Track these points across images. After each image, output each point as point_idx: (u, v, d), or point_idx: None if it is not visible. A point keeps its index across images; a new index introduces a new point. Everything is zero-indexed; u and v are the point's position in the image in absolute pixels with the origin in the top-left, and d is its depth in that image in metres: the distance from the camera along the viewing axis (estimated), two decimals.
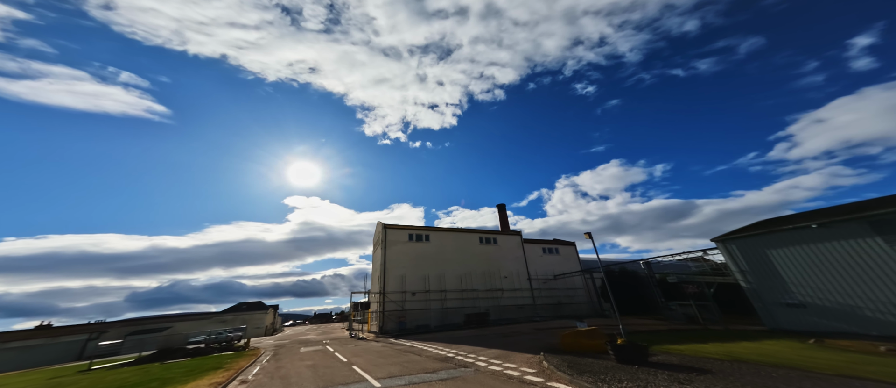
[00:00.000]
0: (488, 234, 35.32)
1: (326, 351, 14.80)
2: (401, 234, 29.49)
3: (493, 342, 14.17)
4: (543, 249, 37.96)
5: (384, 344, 16.45)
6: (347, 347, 16.14)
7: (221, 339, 27.16)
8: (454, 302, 27.65)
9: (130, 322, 43.02)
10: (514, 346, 12.35)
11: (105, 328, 38.68)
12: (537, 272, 34.51)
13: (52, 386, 11.19)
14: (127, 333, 38.23)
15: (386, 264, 26.95)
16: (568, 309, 32.66)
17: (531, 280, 33.29)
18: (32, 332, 36.63)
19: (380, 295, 25.72)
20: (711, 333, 12.95)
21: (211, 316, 46.00)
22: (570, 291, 34.58)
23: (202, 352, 16.88)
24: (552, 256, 38.17)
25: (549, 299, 33.07)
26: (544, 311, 31.33)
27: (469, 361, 9.88)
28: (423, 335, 20.63)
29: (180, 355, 16.30)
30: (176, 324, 42.16)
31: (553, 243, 39.88)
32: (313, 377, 8.79)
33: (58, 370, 18.07)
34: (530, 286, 32.82)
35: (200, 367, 11.61)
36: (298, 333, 39.11)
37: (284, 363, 12.07)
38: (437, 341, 16.33)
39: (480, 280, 30.42)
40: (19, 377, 17.82)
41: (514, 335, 16.69)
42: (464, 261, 31.01)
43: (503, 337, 15.63)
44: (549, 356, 9.04)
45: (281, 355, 14.89)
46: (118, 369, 14.46)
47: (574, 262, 39.05)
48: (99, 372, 13.53)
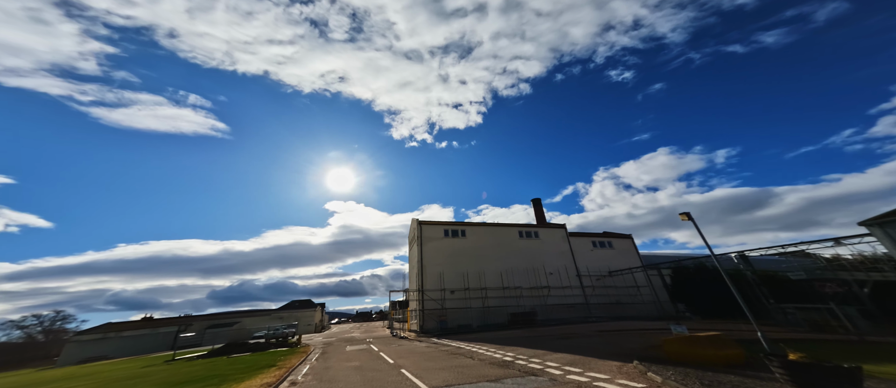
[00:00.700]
0: (528, 227, 32.68)
1: (371, 351, 14.34)
2: (436, 230, 28.65)
3: (553, 344, 12.26)
4: (593, 242, 33.96)
5: (428, 345, 15.57)
6: (391, 347, 15.58)
7: (278, 335, 29.46)
8: (496, 301, 25.88)
9: (208, 317, 49.61)
10: (584, 350, 10.38)
11: (190, 322, 45.13)
12: (588, 268, 30.85)
13: (144, 374, 12.32)
14: (205, 327, 44.07)
15: (423, 261, 26.31)
16: (630, 309, 28.50)
17: (581, 277, 29.85)
18: (139, 323, 44.33)
19: (418, 293, 25.14)
20: (881, 347, 9.27)
21: (270, 313, 50.85)
22: (630, 289, 30.22)
23: (262, 347, 17.86)
24: (604, 250, 33.94)
25: (605, 298, 29.26)
26: (599, 311, 27.75)
27: (535, 367, 8.27)
28: (465, 335, 19.38)
29: (244, 349, 17.46)
30: (243, 320, 47.44)
31: (604, 236, 35.51)
32: (361, 383, 7.91)
33: (152, 359, 20.91)
34: (581, 284, 29.43)
35: (257, 364, 11.85)
36: (343, 331, 40.93)
37: (332, 362, 11.71)
38: (485, 342, 15.00)
39: (523, 277, 28.12)
40: (123, 365, 20.86)
41: (572, 336, 14.54)
42: (503, 257, 29.01)
43: (562, 340, 13.58)
44: (653, 366, 6.93)
45: (328, 353, 14.82)
46: (193, 361, 15.87)
47: (632, 257, 34.24)
48: (179, 363, 14.93)
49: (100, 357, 34.06)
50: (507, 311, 25.29)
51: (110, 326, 42.23)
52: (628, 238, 36.36)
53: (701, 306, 22.35)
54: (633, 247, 35.58)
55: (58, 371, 22.59)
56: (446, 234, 28.86)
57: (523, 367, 8.34)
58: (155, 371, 12.88)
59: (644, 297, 29.85)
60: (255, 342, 18.28)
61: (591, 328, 18.90)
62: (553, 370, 7.75)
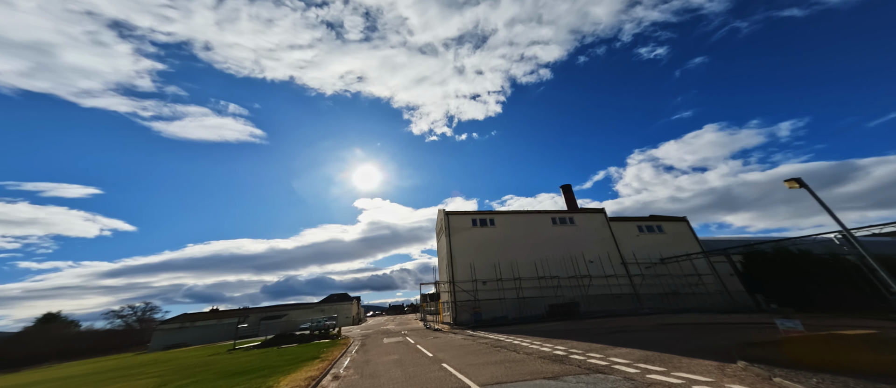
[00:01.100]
0: (562, 213, 30.37)
1: (408, 343, 14.14)
2: (464, 220, 27.83)
3: (610, 338, 10.86)
4: (640, 227, 30.53)
5: (464, 337, 15.00)
6: (427, 339, 15.31)
7: (321, 327, 31.47)
8: (531, 291, 24.50)
9: (262, 310, 55.12)
10: (652, 345, 8.92)
11: (247, 314, 50.51)
12: (634, 255, 27.83)
13: (208, 363, 13.45)
14: (259, 318, 49.01)
15: (452, 252, 25.75)
16: (689, 301, 25.14)
17: (626, 265, 27.03)
18: (208, 314, 50.77)
19: (449, 285, 24.71)
20: None
21: (312, 306, 54.87)
22: (689, 277, 26.67)
23: (307, 339, 18.85)
24: (653, 235, 30.37)
25: (657, 288, 26.18)
26: (652, 302, 24.92)
27: (598, 363, 7.14)
28: (501, 328, 18.51)
29: (291, 340, 18.59)
30: (290, 312, 51.90)
31: (652, 219, 31.73)
32: (403, 379, 7.42)
33: (218, 348, 23.43)
34: (627, 272, 26.67)
35: (302, 355, 12.23)
36: (379, 323, 42.61)
37: (371, 355, 11.59)
38: (525, 334, 14.01)
39: (559, 266, 26.23)
40: (195, 352, 23.55)
41: (629, 330, 12.88)
42: (537, 246, 27.31)
43: (618, 334, 12.05)
44: (777, 370, 5.35)
45: (367, 346, 14.95)
46: (250, 350, 17.22)
47: (688, 241, 30.20)
48: (238, 353, 16.27)
49: (180, 344, 39.60)
50: (544, 302, 23.81)
51: (186, 316, 48.84)
52: (682, 221, 32.08)
53: (784, 297, 18.71)
54: (688, 231, 31.33)
55: (147, 356, 26.44)
56: (474, 223, 27.91)
57: (583, 363, 7.22)
58: (218, 360, 14.05)
59: (708, 287, 26.13)
60: (301, 334, 19.52)
61: (647, 321, 16.81)
62: (624, 367, 6.51)
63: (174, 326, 44.38)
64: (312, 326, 31.03)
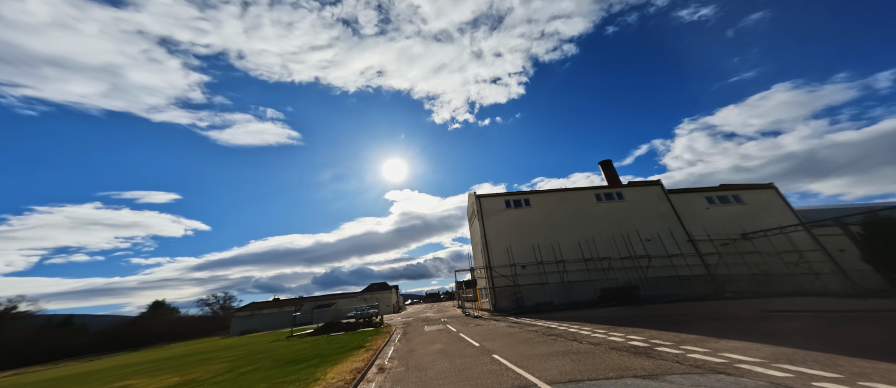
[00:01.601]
0: (609, 189, 26.95)
1: (450, 332, 13.58)
2: (496, 202, 26.29)
3: (702, 328, 8.87)
4: (709, 198, 25.75)
5: (509, 324, 14.00)
6: (469, 327, 14.64)
7: (365, 315, 33.27)
8: (578, 275, 22.32)
9: (313, 299, 60.85)
10: (780, 339, 6.83)
11: (302, 303, 56.20)
12: (706, 231, 23.60)
13: (269, 349, 14.52)
14: (312, 307, 54.23)
15: (486, 236, 24.55)
16: (788, 283, 20.39)
17: (694, 243, 23.06)
18: (271, 303, 57.70)
19: (486, 270, 23.71)
20: None
21: (356, 295, 58.85)
22: (785, 254, 21.72)
23: (352, 327, 19.66)
24: (728, 207, 25.43)
25: (741, 268, 21.80)
26: (735, 284, 20.91)
27: (709, 360, 5.53)
28: (548, 314, 17.04)
29: (339, 328, 19.58)
30: (337, 301, 56.41)
31: (726, 189, 26.55)
32: (452, 372, 6.61)
33: (278, 335, 25.99)
34: (696, 251, 22.76)
35: (349, 344, 12.41)
36: (417, 311, 43.85)
37: (414, 345, 11.19)
38: (578, 321, 12.52)
39: (608, 247, 23.42)
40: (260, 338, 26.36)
41: (720, 318, 10.53)
42: (580, 225, 24.71)
43: (708, 322, 9.90)
44: None
45: (409, 334, 14.78)
46: (304, 338, 18.50)
47: (779, 212, 24.69)
48: (294, 340, 17.56)
49: (252, 330, 45.63)
50: (594, 286, 21.53)
51: (254, 305, 56.02)
52: (769, 188, 26.27)
53: None
54: (778, 199, 25.54)
55: (226, 341, 30.67)
56: (508, 205, 26.21)
57: (681, 358, 5.62)
58: (277, 347, 15.15)
59: (814, 265, 21.02)
60: (347, 322, 20.58)
61: (739, 306, 13.88)
62: (756, 368, 4.79)
63: (245, 314, 51.21)
64: (357, 314, 32.97)
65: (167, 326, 57.89)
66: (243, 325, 48.28)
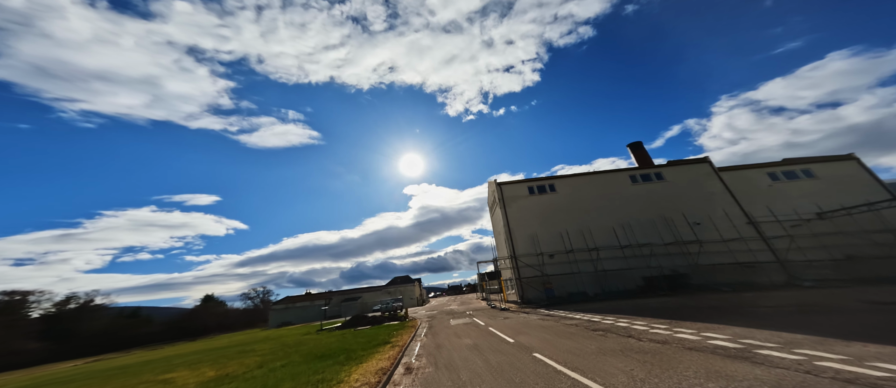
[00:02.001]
0: (645, 169, 24.28)
1: (478, 325, 12.84)
2: (518, 188, 24.85)
3: (804, 324, 7.24)
4: (772, 175, 22.20)
5: (542, 317, 12.97)
6: (498, 320, 13.80)
7: (390, 308, 33.77)
8: (614, 263, 20.42)
9: (341, 293, 63.55)
10: None
11: (331, 297, 58.94)
12: (771, 211, 20.37)
13: (300, 342, 14.79)
14: (340, 301, 56.67)
15: (510, 224, 23.32)
16: (884, 266, 16.49)
17: (757, 225, 19.98)
18: (303, 297, 61.29)
19: (511, 260, 22.57)
20: None
21: (380, 289, 60.45)
22: (877, 235, 17.94)
23: (378, 320, 19.69)
24: (797, 183, 21.75)
25: (820, 252, 18.50)
26: (815, 272, 17.71)
27: (849, 370, 4.19)
28: (583, 305, 15.67)
29: (365, 322, 19.71)
30: (363, 295, 58.38)
31: (792, 163, 22.75)
32: (487, 371, 5.78)
33: (309, 328, 27.06)
34: (759, 234, 19.72)
35: (375, 339, 12.14)
36: (441, 304, 43.79)
37: (442, 339, 10.57)
38: (628, 313, 11.17)
39: (648, 232, 21.12)
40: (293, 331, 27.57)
41: (812, 310, 8.72)
42: (613, 209, 22.58)
43: (804, 316, 8.15)
44: None
45: (435, 328, 14.25)
46: (332, 331, 18.84)
47: (862, 186, 20.70)
48: (324, 333, 17.89)
49: (288, 322, 48.69)
50: (633, 274, 19.55)
51: (288, 299, 59.74)
52: (848, 160, 22.06)
53: None
54: (861, 172, 21.35)
55: (264, 333, 32.74)
56: (531, 191, 24.66)
57: (802, 365, 4.28)
58: (308, 340, 15.39)
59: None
60: (373, 316, 20.77)
61: (826, 296, 11.63)
62: None
63: (281, 307, 54.69)
64: (383, 308, 33.55)
65: (216, 318, 63.84)
66: (280, 317, 51.64)
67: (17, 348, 33.00)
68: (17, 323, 36.12)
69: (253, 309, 75.04)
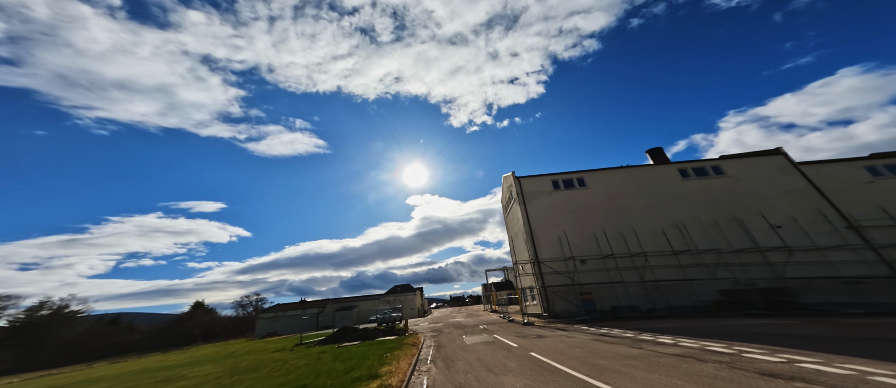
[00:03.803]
0: (698, 163, 20.41)
1: (508, 347, 9.03)
2: (541, 182, 21.10)
3: None
4: (871, 169, 17.81)
5: (595, 337, 9.15)
6: (530, 339, 10.12)
7: (387, 319, 29.42)
8: (667, 272, 16.17)
9: (337, 301, 59.00)
10: None
11: (324, 306, 54.38)
12: (886, 211, 16.02)
13: (257, 365, 11.06)
14: (335, 309, 52.08)
15: (531, 223, 19.41)
16: None
17: (859, 229, 15.62)
18: (294, 305, 56.72)
19: (533, 265, 18.43)
20: None
21: (378, 298, 55.79)
22: None
23: (369, 335, 15.69)
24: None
25: None
26: None
27: None
28: (638, 323, 11.45)
29: (353, 336, 15.77)
30: (360, 303, 53.74)
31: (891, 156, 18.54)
32: None
33: (291, 340, 22.92)
34: (866, 241, 15.22)
35: (359, 365, 8.29)
36: (445, 315, 38.99)
37: (461, 372, 6.74)
38: (723, 337, 7.59)
39: (712, 236, 16.98)
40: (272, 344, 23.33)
41: None
42: (661, 209, 18.59)
43: None
44: None
45: (444, 347, 10.33)
46: (311, 347, 14.93)
47: None
48: (299, 351, 13.99)
49: (274, 332, 44.21)
50: (702, 287, 15.17)
51: (278, 307, 55.36)
52: None
53: None
54: None
55: (237, 345, 28.63)
56: (556, 186, 20.88)
57: None
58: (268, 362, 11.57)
59: None
60: (364, 329, 16.90)
61: None
62: None
63: (270, 315, 50.37)
64: (379, 319, 29.28)
65: (203, 326, 59.53)
66: (267, 327, 47.23)
67: None
68: None
69: (243, 318, 70.50)
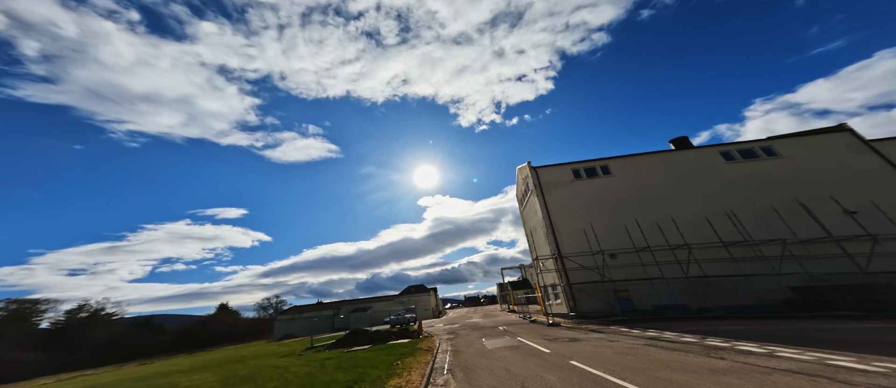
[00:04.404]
0: (744, 144, 18.05)
1: (534, 351, 7.81)
2: (560, 172, 19.41)
3: None
4: None
5: (645, 342, 7.75)
6: (562, 343, 8.78)
7: (402, 320, 28.56)
8: (717, 266, 14.09)
9: (352, 302, 59.12)
10: None
11: (339, 308, 54.64)
12: None
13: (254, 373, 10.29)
14: (350, 310, 52.12)
15: (551, 215, 17.79)
16: None
17: None
18: (310, 307, 57.38)
19: (555, 261, 16.82)
20: None
21: (392, 298, 55.33)
22: None
23: (381, 338, 14.73)
24: None
25: None
26: None
27: None
28: (687, 324, 9.70)
29: (364, 340, 14.88)
30: (374, 305, 53.52)
31: None
32: None
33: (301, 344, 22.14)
34: None
35: (366, 375, 7.15)
36: (460, 316, 37.70)
37: (485, 384, 5.39)
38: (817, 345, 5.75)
39: (770, 224, 14.74)
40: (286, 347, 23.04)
41: None
42: (703, 196, 16.51)
43: None
44: None
45: (463, 353, 9.10)
46: (319, 351, 14.19)
47: None
48: (306, 357, 13.22)
49: (291, 334, 44.63)
50: (763, 285, 13.07)
51: (295, 309, 56.15)
52: None
53: None
54: None
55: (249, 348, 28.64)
56: (577, 175, 19.14)
57: None
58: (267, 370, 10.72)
59: None
60: (376, 332, 16.01)
61: None
62: None
63: (287, 317, 51.06)
64: (393, 320, 28.49)
65: (226, 328, 61.58)
66: (285, 329, 47.84)
67: (9, 359, 31.19)
68: (13, 334, 34.85)
69: (263, 320, 72.39)
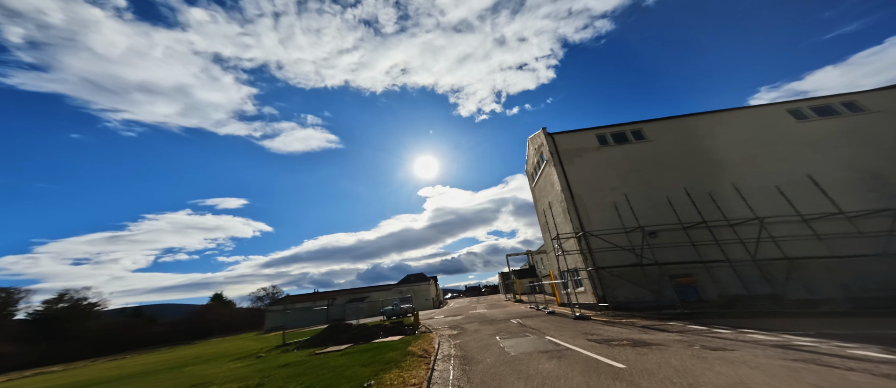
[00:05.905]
0: (817, 100, 14.57)
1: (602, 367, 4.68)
2: (582, 137, 16.01)
3: None
4: None
5: (784, 354, 4.81)
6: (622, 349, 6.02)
7: (397, 311, 25.90)
8: (799, 246, 10.98)
9: (349, 291, 56.90)
10: None
11: (334, 298, 52.41)
12: None
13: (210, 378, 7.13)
14: (346, 301, 49.86)
15: (572, 187, 14.54)
16: None
17: None
18: (303, 297, 55.18)
19: (578, 241, 13.66)
20: None
21: (391, 288, 52.96)
22: None
23: (365, 334, 11.80)
24: None
25: None
26: None
27: None
28: (804, 321, 6.51)
29: (343, 338, 12.01)
30: (371, 294, 51.18)
31: None
32: None
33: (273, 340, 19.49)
34: None
35: None
36: (462, 306, 35.03)
37: None
38: None
39: (871, 190, 11.48)
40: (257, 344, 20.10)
41: None
42: (771, 160, 13.19)
43: None
44: None
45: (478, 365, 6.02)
46: (292, 349, 11.32)
47: None
48: (272, 356, 10.35)
49: (282, 327, 42.27)
50: (865, 269, 9.92)
51: (288, 299, 53.93)
52: None
53: None
54: None
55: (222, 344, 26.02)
56: (603, 141, 15.77)
57: None
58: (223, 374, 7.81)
59: None
60: (360, 327, 13.21)
61: None
62: None
63: (278, 308, 48.76)
64: (388, 312, 25.88)
65: (220, 319, 59.81)
66: (276, 320, 45.52)
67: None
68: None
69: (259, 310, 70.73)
